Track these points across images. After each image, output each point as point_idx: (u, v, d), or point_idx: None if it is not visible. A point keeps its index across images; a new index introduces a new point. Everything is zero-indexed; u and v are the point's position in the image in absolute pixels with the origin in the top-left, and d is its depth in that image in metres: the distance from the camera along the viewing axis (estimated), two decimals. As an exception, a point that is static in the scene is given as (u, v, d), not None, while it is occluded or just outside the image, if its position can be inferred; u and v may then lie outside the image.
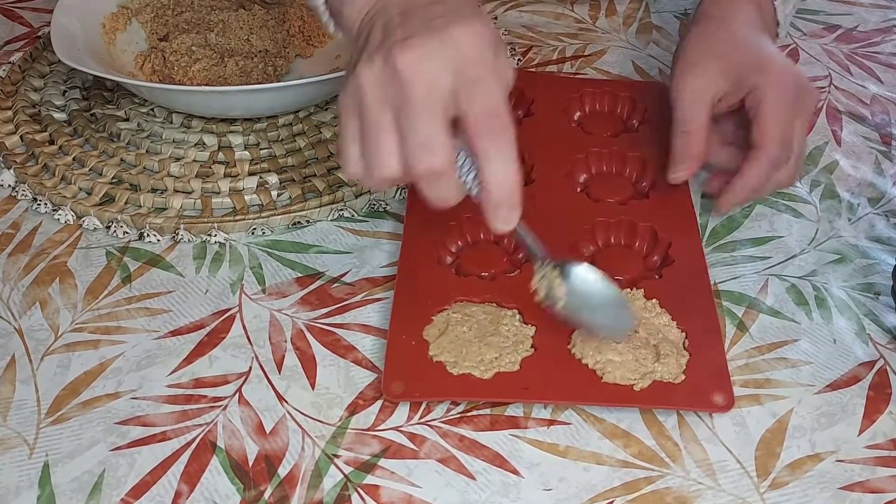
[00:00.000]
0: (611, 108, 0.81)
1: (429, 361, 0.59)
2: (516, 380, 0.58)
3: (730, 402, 0.57)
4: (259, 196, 0.72)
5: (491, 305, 0.63)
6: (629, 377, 0.58)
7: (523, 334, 0.61)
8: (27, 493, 0.54)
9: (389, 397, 0.58)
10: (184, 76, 0.81)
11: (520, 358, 0.59)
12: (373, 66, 0.52)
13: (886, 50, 0.92)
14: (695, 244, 0.68)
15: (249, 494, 0.54)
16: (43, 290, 0.66)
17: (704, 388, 0.58)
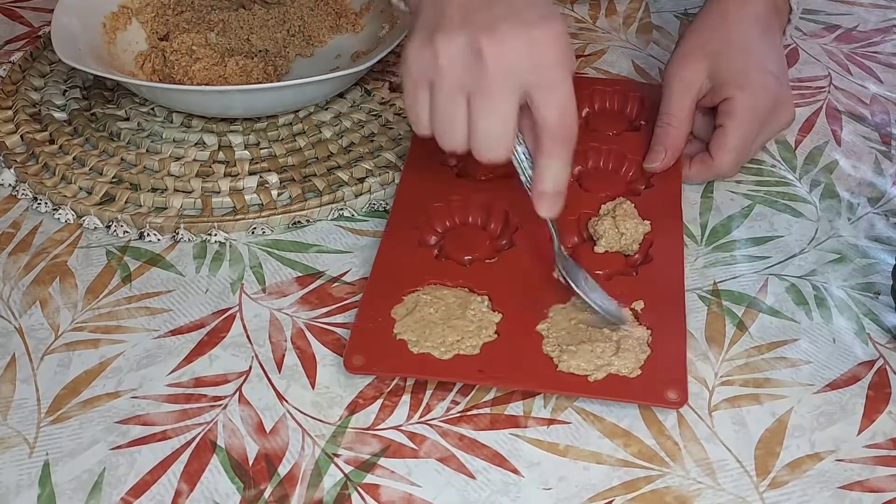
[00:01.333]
0: (620, 106, 0.81)
1: (392, 339, 0.60)
2: (473, 363, 0.59)
3: (682, 398, 0.57)
4: (259, 195, 0.72)
5: (462, 290, 0.64)
6: (584, 367, 0.58)
7: (488, 320, 0.61)
8: (27, 492, 0.54)
9: (349, 370, 0.59)
10: (184, 76, 0.81)
11: (481, 342, 0.60)
12: (455, 42, 0.55)
13: (886, 50, 0.92)
14: (676, 247, 0.67)
15: (249, 493, 0.54)
16: (43, 289, 0.66)
17: (659, 383, 0.58)
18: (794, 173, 0.77)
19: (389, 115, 0.80)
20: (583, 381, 0.58)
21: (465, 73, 0.55)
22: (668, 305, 0.63)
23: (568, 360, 0.58)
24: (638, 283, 0.64)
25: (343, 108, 0.81)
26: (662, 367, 0.59)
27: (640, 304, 0.62)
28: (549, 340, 0.60)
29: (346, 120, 0.80)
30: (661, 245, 0.67)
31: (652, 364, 0.59)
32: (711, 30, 0.75)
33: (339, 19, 0.90)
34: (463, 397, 0.59)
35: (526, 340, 0.60)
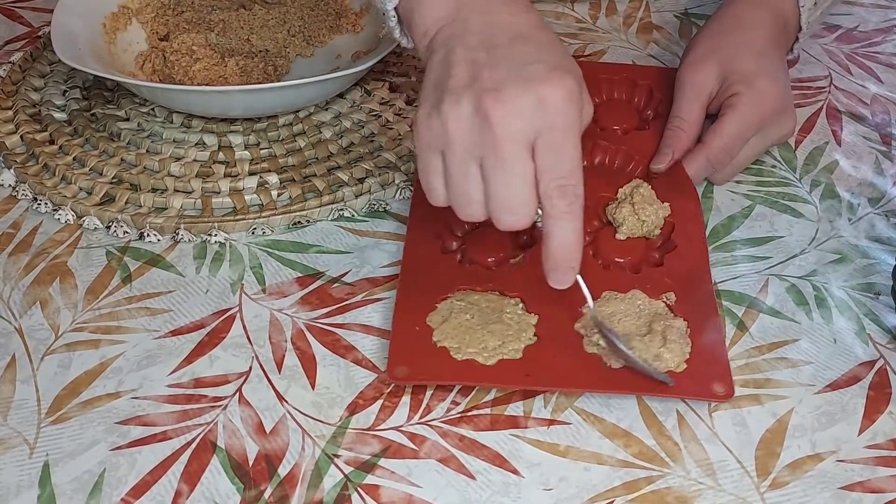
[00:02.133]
0: (628, 96, 0.81)
1: (433, 346, 0.60)
2: (519, 367, 0.59)
3: (729, 392, 0.58)
4: (259, 196, 0.72)
5: (493, 294, 0.64)
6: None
7: (526, 322, 0.62)
8: (27, 492, 0.54)
9: (394, 380, 0.58)
10: (184, 76, 0.81)
11: (523, 346, 0.60)
12: (461, 108, 0.53)
13: (886, 50, 0.92)
14: (698, 230, 0.68)
15: (249, 494, 0.54)
16: (43, 289, 0.66)
17: (706, 377, 0.58)
18: (794, 173, 0.77)
19: (389, 115, 0.80)
20: (630, 378, 0.58)
21: (474, 139, 0.53)
22: (699, 295, 0.63)
23: (617, 359, 0.59)
24: (666, 274, 0.65)
25: (343, 108, 0.81)
26: (706, 360, 0.59)
27: (672, 297, 0.63)
28: (589, 339, 0.60)
29: (346, 120, 0.80)
30: (682, 229, 0.68)
31: (696, 357, 0.59)
32: (724, 34, 0.76)
33: (339, 19, 0.90)
34: (463, 398, 0.59)
35: (567, 341, 0.60)
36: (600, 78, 0.81)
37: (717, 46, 0.75)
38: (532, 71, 0.53)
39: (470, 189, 0.55)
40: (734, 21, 0.77)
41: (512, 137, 0.53)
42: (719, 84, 0.74)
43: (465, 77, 0.54)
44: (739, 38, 0.75)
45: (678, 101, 0.74)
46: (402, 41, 0.65)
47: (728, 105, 0.72)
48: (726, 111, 0.72)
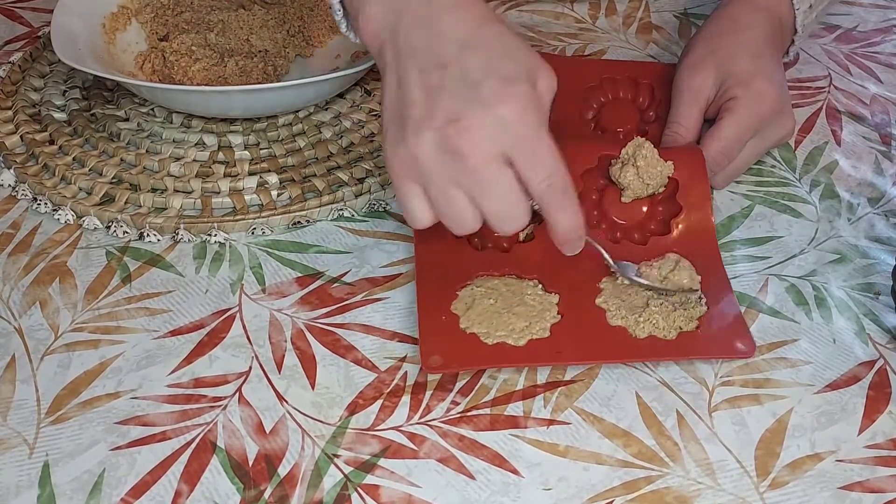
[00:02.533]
0: (632, 95, 0.81)
1: (462, 333, 0.61)
2: (549, 345, 0.60)
3: (751, 347, 0.60)
4: (259, 196, 0.72)
5: (511, 277, 0.65)
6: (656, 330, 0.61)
7: (548, 302, 0.63)
8: (27, 492, 0.54)
9: (429, 370, 0.59)
10: (184, 76, 0.81)
11: (549, 325, 0.61)
12: (427, 144, 0.54)
13: (886, 50, 0.92)
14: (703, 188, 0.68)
15: (249, 494, 0.54)
16: (43, 289, 0.66)
17: (726, 336, 0.60)
18: (794, 173, 0.77)
19: (389, 115, 0.80)
20: (658, 344, 0.60)
21: (450, 169, 0.55)
22: (707, 259, 0.65)
23: (644, 327, 0.61)
24: (674, 245, 0.67)
25: (343, 108, 0.81)
26: (723, 321, 0.61)
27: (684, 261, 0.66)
28: (611, 313, 0.62)
29: (346, 120, 0.80)
30: (686, 188, 0.68)
31: (712, 318, 0.62)
32: (721, 36, 0.75)
33: (339, 19, 0.90)
34: (463, 397, 0.59)
35: (590, 316, 0.62)
36: (603, 77, 0.81)
37: (713, 49, 0.75)
38: (485, 92, 0.54)
39: (459, 211, 0.56)
40: (730, 22, 0.76)
41: (486, 160, 0.54)
42: (717, 87, 0.73)
43: (423, 106, 0.55)
44: (736, 39, 0.75)
45: (676, 107, 0.74)
46: (350, 36, 0.65)
47: (726, 108, 0.72)
48: (724, 115, 0.72)
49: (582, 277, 0.64)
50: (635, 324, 0.61)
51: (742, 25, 0.75)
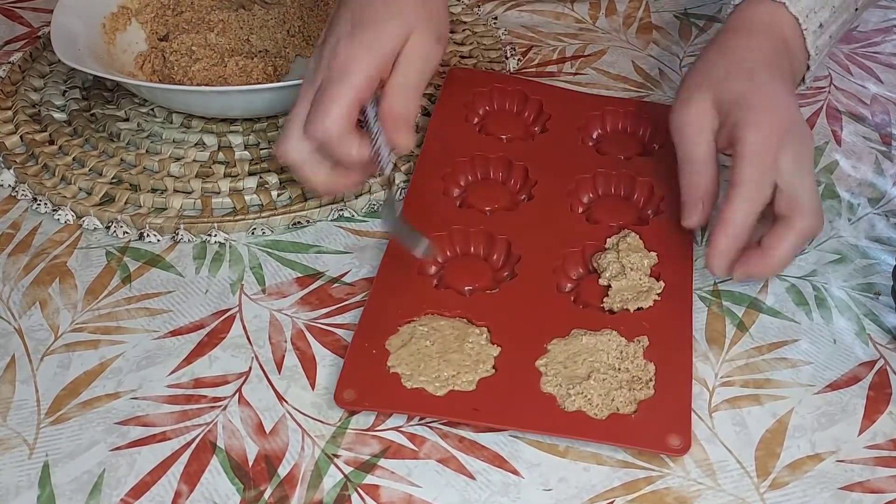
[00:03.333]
0: (632, 128, 0.78)
1: (385, 372, 0.58)
2: (469, 400, 0.57)
3: (685, 444, 0.55)
4: (259, 196, 0.72)
5: (461, 321, 0.62)
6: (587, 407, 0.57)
7: (487, 353, 0.60)
8: (27, 493, 0.54)
9: (340, 404, 0.57)
10: (184, 76, 0.81)
11: (477, 377, 0.58)
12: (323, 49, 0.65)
13: (886, 50, 0.92)
14: (685, 277, 0.65)
15: (249, 494, 0.54)
16: (43, 290, 0.66)
17: (662, 427, 0.56)
18: (794, 173, 0.77)
19: (389, 115, 0.80)
20: (583, 422, 0.56)
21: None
22: (674, 342, 0.61)
23: (574, 400, 0.57)
24: (644, 318, 0.62)
25: (343, 109, 0.81)
26: (666, 410, 0.57)
27: (645, 341, 0.60)
28: (547, 378, 0.58)
29: (345, 120, 0.79)
30: (668, 282, 0.64)
31: (656, 405, 0.57)
32: (712, 64, 0.68)
33: (339, 19, 0.90)
34: (463, 398, 0.59)
35: (524, 377, 0.58)
36: (605, 110, 0.78)
37: (705, 78, 0.67)
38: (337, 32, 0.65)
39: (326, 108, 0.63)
40: (721, 51, 0.68)
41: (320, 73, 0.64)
42: (719, 116, 0.65)
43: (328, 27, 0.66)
44: (728, 62, 0.67)
45: (681, 146, 0.66)
46: None
47: (734, 138, 0.63)
48: (735, 146, 0.63)
49: (531, 334, 0.60)
50: (566, 395, 0.57)
51: (733, 50, 0.68)
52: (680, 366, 0.59)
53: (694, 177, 0.65)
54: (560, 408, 0.57)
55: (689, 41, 0.92)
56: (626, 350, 0.60)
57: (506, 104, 0.80)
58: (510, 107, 0.80)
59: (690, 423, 0.56)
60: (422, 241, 0.62)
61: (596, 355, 0.59)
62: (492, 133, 0.77)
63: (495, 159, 0.74)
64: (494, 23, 0.93)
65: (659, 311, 0.62)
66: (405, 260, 0.65)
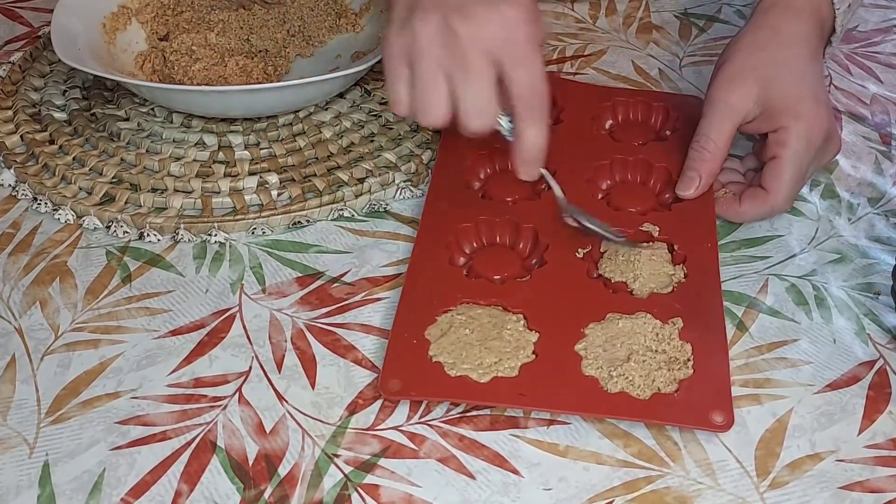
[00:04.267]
0: (644, 117, 0.79)
1: (427, 361, 0.59)
2: (513, 385, 0.58)
3: (729, 420, 0.56)
4: (259, 196, 0.72)
5: (497, 309, 0.63)
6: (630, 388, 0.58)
7: (525, 340, 0.60)
8: (27, 492, 0.54)
9: (386, 394, 0.58)
10: (184, 76, 0.81)
11: (519, 364, 0.59)
12: (430, 24, 0.59)
13: (886, 50, 0.92)
14: (711, 258, 0.66)
15: (249, 494, 0.54)
16: (43, 289, 0.66)
17: (705, 405, 0.57)
18: (794, 173, 0.77)
19: (389, 115, 0.80)
20: (628, 402, 0.57)
21: (443, 51, 0.59)
22: (708, 320, 0.62)
23: (616, 381, 0.58)
24: (676, 299, 0.63)
25: (343, 108, 0.81)
26: (707, 388, 0.58)
27: (680, 322, 0.61)
28: (588, 361, 0.59)
29: (346, 120, 0.80)
30: (694, 258, 0.66)
31: (697, 384, 0.58)
32: (761, 49, 0.70)
33: (339, 19, 0.90)
34: (463, 398, 0.59)
35: (565, 361, 0.59)
36: (616, 101, 0.79)
37: (754, 64, 0.69)
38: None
39: (436, 96, 0.60)
40: (772, 33, 0.71)
41: (478, 49, 0.59)
42: (758, 108, 0.69)
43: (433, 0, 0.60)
44: (779, 55, 0.70)
45: (709, 120, 0.69)
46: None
47: (778, 143, 0.68)
48: (779, 151, 0.67)
49: (568, 319, 0.61)
50: (608, 377, 0.58)
51: (785, 38, 0.70)
52: (715, 345, 0.61)
53: (703, 152, 0.69)
54: (603, 389, 0.58)
55: (689, 41, 0.92)
56: (661, 332, 0.61)
57: None
58: None
59: (731, 400, 0.57)
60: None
61: (634, 338, 0.60)
62: None
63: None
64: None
65: (689, 292, 0.64)
66: (435, 252, 0.66)
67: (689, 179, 0.70)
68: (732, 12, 0.97)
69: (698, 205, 0.70)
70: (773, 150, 0.68)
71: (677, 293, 0.64)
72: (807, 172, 0.70)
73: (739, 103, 0.69)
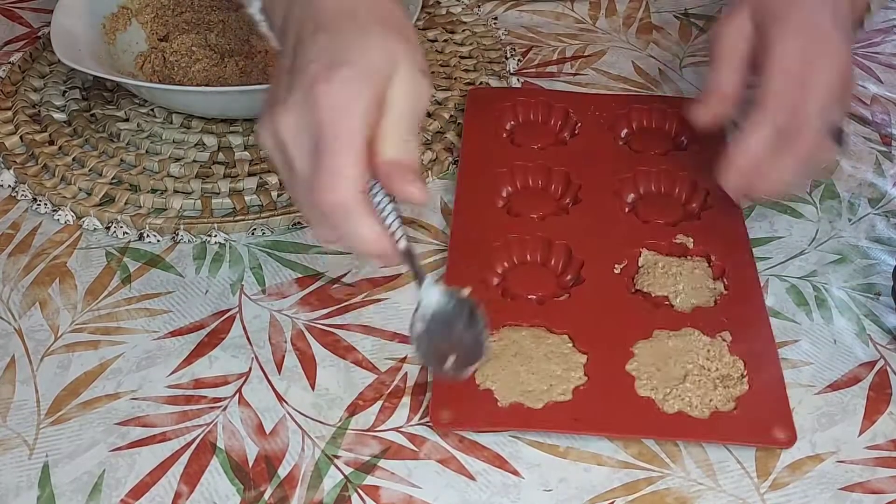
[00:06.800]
0: (658, 124, 0.78)
1: (476, 389, 0.57)
2: (568, 410, 0.57)
3: (792, 437, 0.55)
4: (259, 196, 0.72)
5: (540, 329, 0.61)
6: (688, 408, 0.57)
7: (575, 362, 0.59)
8: (27, 493, 0.54)
9: (438, 427, 0.56)
10: (184, 76, 0.81)
11: (571, 387, 0.58)
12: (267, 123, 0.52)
13: (886, 50, 0.92)
14: (750, 267, 0.66)
15: (249, 495, 0.54)
16: (43, 290, 0.66)
17: (765, 421, 0.56)
18: (794, 174, 0.77)
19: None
20: (688, 422, 0.56)
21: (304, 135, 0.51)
22: (757, 334, 0.61)
23: (672, 403, 0.57)
24: (721, 313, 0.62)
25: (343, 109, 0.81)
26: (764, 404, 0.57)
27: (728, 336, 0.61)
28: (641, 381, 0.58)
29: (345, 120, 0.79)
30: (735, 274, 0.65)
31: (753, 400, 0.57)
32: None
33: (339, 20, 0.89)
34: (463, 398, 0.59)
35: (618, 382, 0.58)
36: (632, 108, 0.79)
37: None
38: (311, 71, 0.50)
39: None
40: None
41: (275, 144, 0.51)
42: (752, 28, 0.63)
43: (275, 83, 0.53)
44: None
45: (713, 62, 0.64)
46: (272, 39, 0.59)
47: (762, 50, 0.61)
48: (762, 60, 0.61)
49: (616, 338, 0.60)
50: (663, 399, 0.57)
51: None
52: (766, 357, 0.60)
53: (715, 74, 0.63)
54: (660, 410, 0.57)
55: (689, 41, 0.92)
56: (712, 349, 0.60)
57: (530, 115, 0.79)
58: (535, 117, 0.79)
59: (791, 415, 0.57)
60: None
61: (687, 356, 0.59)
62: (524, 144, 0.76)
63: (534, 167, 0.73)
64: (494, 23, 0.93)
65: (733, 304, 0.63)
66: (468, 274, 0.63)
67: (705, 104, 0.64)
68: (732, 12, 0.96)
69: (727, 211, 0.69)
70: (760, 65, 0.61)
71: (721, 306, 0.63)
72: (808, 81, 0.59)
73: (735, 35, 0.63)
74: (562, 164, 0.73)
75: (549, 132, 0.78)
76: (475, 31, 0.92)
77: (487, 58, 0.88)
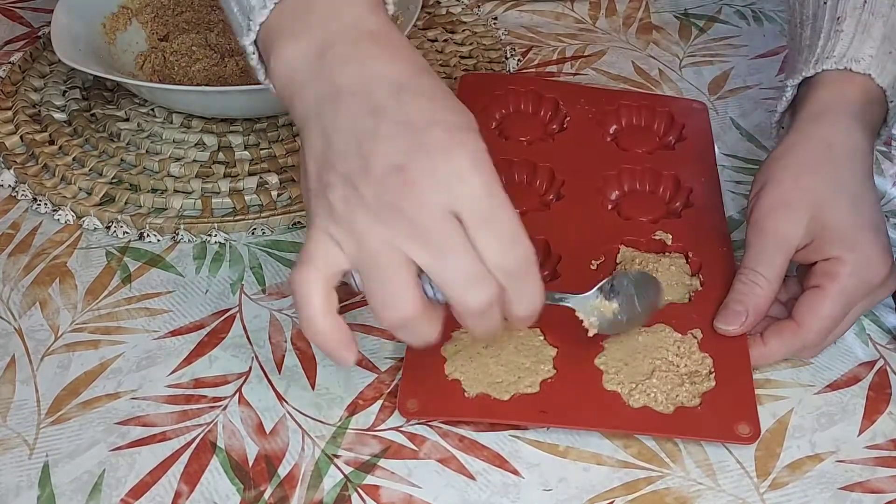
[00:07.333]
0: (647, 122, 0.78)
1: (444, 379, 0.58)
2: (534, 402, 0.57)
3: (756, 432, 0.56)
4: (259, 196, 0.72)
5: None
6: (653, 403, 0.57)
7: (545, 355, 0.59)
8: (27, 493, 0.54)
9: (405, 415, 0.57)
10: (184, 76, 0.81)
11: (539, 379, 0.58)
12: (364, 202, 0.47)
13: (886, 50, 0.92)
14: (727, 264, 0.65)
15: (249, 495, 0.54)
16: (43, 290, 0.66)
17: (729, 417, 0.56)
18: (794, 174, 0.77)
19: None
20: (652, 417, 0.56)
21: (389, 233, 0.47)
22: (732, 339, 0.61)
23: (638, 398, 0.57)
24: (693, 311, 0.62)
25: (343, 109, 0.81)
26: (730, 400, 0.57)
27: (699, 333, 0.61)
28: (609, 376, 0.58)
29: (345, 120, 0.79)
30: (713, 271, 0.65)
31: (719, 396, 0.57)
32: (814, 170, 0.61)
33: (339, 20, 0.89)
34: (463, 398, 0.59)
35: (586, 376, 0.58)
36: (620, 104, 0.79)
37: (805, 187, 0.60)
38: (432, 138, 0.46)
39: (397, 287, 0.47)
40: (825, 149, 0.62)
41: (436, 217, 0.46)
42: (809, 237, 0.60)
43: (354, 154, 0.47)
44: (833, 176, 0.61)
45: (757, 252, 0.61)
46: (267, 83, 0.54)
47: (825, 274, 0.59)
48: (825, 283, 0.59)
49: (586, 333, 0.59)
50: (629, 394, 0.57)
51: (839, 154, 0.61)
52: (736, 354, 0.60)
53: (753, 286, 0.60)
54: (626, 405, 0.57)
55: (689, 41, 0.92)
56: (682, 346, 0.60)
57: (521, 105, 0.79)
58: (526, 108, 0.79)
59: (757, 411, 0.57)
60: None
61: (656, 352, 0.60)
62: (511, 136, 0.76)
63: (519, 162, 0.73)
64: (494, 23, 0.93)
65: (706, 301, 0.63)
66: None
67: (736, 314, 0.60)
68: (732, 12, 0.97)
69: (709, 210, 0.69)
70: (818, 280, 0.59)
71: (695, 303, 0.63)
72: (851, 315, 0.60)
73: (790, 232, 0.60)
74: (548, 160, 0.73)
75: (538, 124, 0.78)
76: (475, 31, 0.92)
77: (487, 58, 0.88)
